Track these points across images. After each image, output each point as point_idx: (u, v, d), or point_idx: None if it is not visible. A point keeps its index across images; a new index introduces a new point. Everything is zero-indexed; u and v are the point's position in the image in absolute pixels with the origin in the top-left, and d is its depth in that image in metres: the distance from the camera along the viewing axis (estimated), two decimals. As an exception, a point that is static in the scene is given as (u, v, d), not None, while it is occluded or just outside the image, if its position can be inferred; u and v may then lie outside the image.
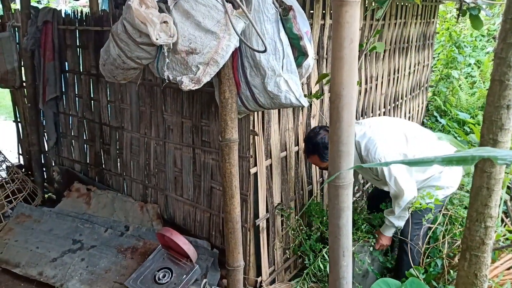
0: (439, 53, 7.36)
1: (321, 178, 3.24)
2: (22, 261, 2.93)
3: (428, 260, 2.81)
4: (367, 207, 3.26)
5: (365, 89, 3.79)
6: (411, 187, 2.52)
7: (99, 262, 2.88)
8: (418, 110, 5.76)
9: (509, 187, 2.98)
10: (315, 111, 3.06)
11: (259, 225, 2.64)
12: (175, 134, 2.95)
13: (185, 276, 2.58)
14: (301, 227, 2.91)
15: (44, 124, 3.90)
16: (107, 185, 3.62)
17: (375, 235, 2.84)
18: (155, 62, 2.13)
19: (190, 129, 2.84)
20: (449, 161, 0.94)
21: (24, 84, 3.92)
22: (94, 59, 3.39)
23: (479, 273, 1.44)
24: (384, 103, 4.35)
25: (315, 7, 2.76)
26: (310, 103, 2.92)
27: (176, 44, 1.97)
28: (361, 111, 3.78)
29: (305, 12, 2.31)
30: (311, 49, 2.17)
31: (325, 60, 3.03)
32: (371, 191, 3.51)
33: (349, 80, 1.46)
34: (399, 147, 2.56)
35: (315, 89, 2.95)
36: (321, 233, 2.96)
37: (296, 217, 2.93)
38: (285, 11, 2.00)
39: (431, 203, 2.49)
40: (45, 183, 4.12)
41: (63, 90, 3.71)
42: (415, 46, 5.04)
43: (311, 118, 3.01)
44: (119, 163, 3.50)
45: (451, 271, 2.62)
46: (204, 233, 2.96)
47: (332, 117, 1.52)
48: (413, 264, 2.62)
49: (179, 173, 3.00)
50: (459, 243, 2.77)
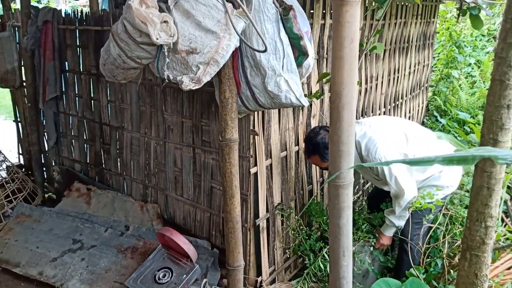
0: (439, 53, 7.36)
1: (321, 177, 3.24)
2: (22, 260, 2.93)
3: (428, 259, 2.81)
4: (367, 206, 3.27)
5: (365, 89, 3.79)
6: (412, 186, 2.52)
7: (99, 261, 2.88)
8: (418, 110, 5.76)
9: (509, 187, 2.98)
10: (315, 111, 3.06)
11: (259, 225, 2.64)
12: (175, 133, 2.95)
13: (185, 275, 2.58)
14: (301, 227, 2.91)
15: (44, 123, 3.90)
16: (107, 185, 3.62)
17: (376, 234, 2.84)
18: (155, 61, 2.13)
19: (190, 129, 2.84)
20: (449, 160, 0.94)
21: (24, 83, 3.93)
22: (94, 58, 3.39)
23: (480, 272, 1.44)
24: (384, 103, 4.35)
25: (315, 7, 2.76)
26: (310, 103, 2.92)
27: (176, 43, 1.96)
28: (361, 111, 3.78)
29: (305, 11, 2.31)
30: (311, 49, 2.17)
31: (325, 59, 3.03)
32: (371, 191, 3.51)
33: (350, 79, 1.46)
34: (399, 147, 2.56)
35: (315, 89, 2.94)
36: (321, 232, 2.96)
37: (296, 217, 2.93)
38: (285, 10, 2.00)
39: (432, 203, 2.49)
40: (45, 183, 4.12)
41: (63, 89, 3.72)
42: (415, 46, 5.04)
43: (311, 118, 3.01)
44: (119, 163, 3.50)
45: (451, 271, 2.62)
46: (204, 233, 2.96)
47: (332, 116, 1.52)
48: (413, 263, 2.62)
49: (179, 173, 3.00)
50: (459, 243, 2.77)
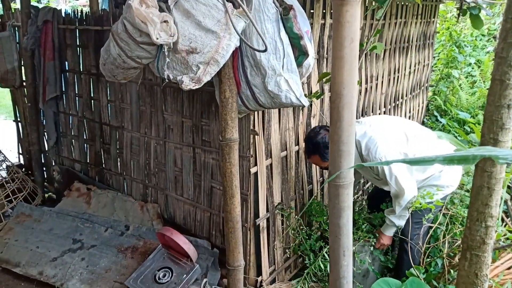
0: (439, 53, 7.36)
1: (321, 177, 3.24)
2: (22, 260, 2.93)
3: (428, 259, 2.81)
4: (367, 206, 3.26)
5: (366, 89, 3.79)
6: (412, 186, 2.52)
7: (99, 261, 2.88)
8: (418, 109, 5.76)
9: (509, 187, 2.99)
10: (316, 110, 3.06)
11: (259, 224, 2.64)
12: (175, 133, 2.95)
13: (185, 275, 2.58)
14: (302, 227, 2.91)
15: (44, 123, 3.89)
16: (107, 185, 3.61)
17: (376, 234, 2.84)
18: (155, 61, 2.12)
19: (190, 129, 2.84)
20: (450, 160, 0.94)
21: (24, 83, 3.92)
22: (94, 58, 3.39)
23: (480, 272, 1.44)
24: (384, 103, 4.35)
25: (315, 7, 2.76)
26: (310, 103, 2.92)
27: (176, 43, 1.96)
28: (362, 111, 3.78)
29: (305, 11, 2.30)
30: (311, 49, 2.17)
31: (325, 59, 3.03)
32: (371, 191, 3.51)
33: (350, 79, 1.46)
34: (399, 146, 2.56)
35: (315, 89, 2.94)
36: (322, 232, 2.96)
37: (296, 216, 2.93)
38: (285, 10, 2.00)
39: (432, 203, 2.49)
40: (45, 183, 4.12)
41: (63, 89, 3.71)
42: (416, 45, 5.04)
43: (311, 117, 3.01)
44: (119, 163, 3.49)
45: (452, 271, 2.62)
46: (204, 232, 2.96)
47: (332, 116, 1.52)
48: (413, 263, 2.62)
49: (179, 172, 3.00)
50: (459, 242, 2.77)
